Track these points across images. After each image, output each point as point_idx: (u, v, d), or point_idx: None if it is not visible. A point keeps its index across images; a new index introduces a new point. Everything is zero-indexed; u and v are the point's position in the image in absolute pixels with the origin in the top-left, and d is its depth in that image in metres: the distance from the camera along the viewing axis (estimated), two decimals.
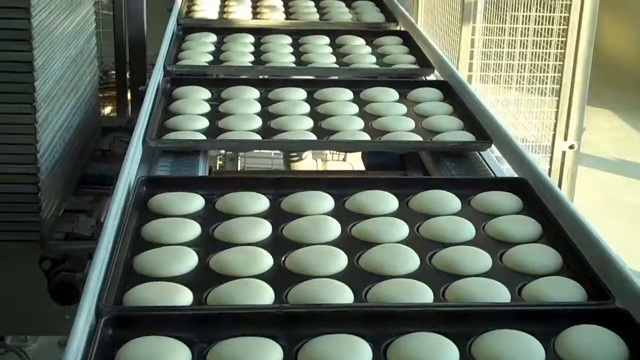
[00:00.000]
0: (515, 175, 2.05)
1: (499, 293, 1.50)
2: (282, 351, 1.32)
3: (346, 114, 2.40)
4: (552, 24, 4.26)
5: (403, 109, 2.47)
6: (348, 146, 2.28)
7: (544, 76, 4.33)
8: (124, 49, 3.75)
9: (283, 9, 3.69)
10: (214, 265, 1.57)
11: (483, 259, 1.61)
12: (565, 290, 1.51)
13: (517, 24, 4.57)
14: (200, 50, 3.02)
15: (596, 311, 1.43)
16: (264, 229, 1.70)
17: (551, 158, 4.15)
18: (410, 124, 2.35)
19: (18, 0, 2.30)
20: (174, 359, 1.30)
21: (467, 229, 1.73)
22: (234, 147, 2.27)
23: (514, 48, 4.54)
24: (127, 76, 3.80)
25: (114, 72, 3.89)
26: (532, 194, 1.87)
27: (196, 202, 1.81)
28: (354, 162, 5.15)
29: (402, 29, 3.44)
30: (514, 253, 1.64)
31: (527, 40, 4.51)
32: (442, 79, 2.78)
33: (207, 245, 1.64)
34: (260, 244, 1.65)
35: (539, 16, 4.38)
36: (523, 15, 4.55)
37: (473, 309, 1.44)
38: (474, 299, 1.48)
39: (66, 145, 2.73)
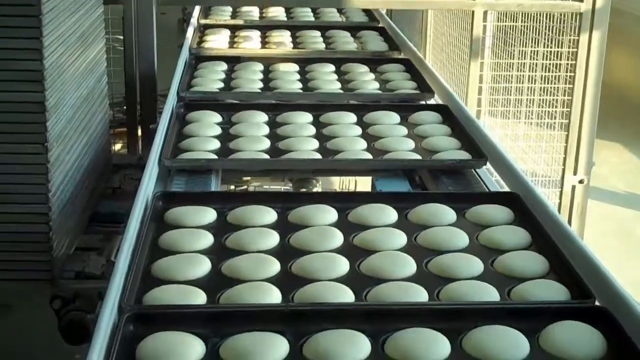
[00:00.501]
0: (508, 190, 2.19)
1: (489, 294, 1.63)
2: (288, 345, 1.45)
3: (350, 136, 2.55)
4: (560, 59, 4.34)
5: (404, 130, 2.62)
6: (352, 164, 2.41)
7: (552, 111, 4.38)
8: (134, 87, 3.80)
9: (291, 45, 3.81)
10: (226, 271, 1.70)
11: (475, 264, 1.74)
12: (551, 291, 1.64)
13: (525, 59, 4.65)
14: (212, 78, 3.19)
15: (578, 309, 1.56)
16: (272, 239, 1.83)
17: (561, 192, 4.20)
18: (411, 144, 2.49)
19: (30, 41, 2.34)
20: (190, 352, 1.42)
21: (461, 238, 1.86)
22: (244, 165, 2.40)
23: (523, 83, 4.62)
24: (138, 113, 3.85)
25: (124, 108, 3.96)
26: (522, 206, 1.99)
27: (209, 214, 1.95)
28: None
29: (405, 57, 3.61)
30: (504, 259, 1.77)
31: (535, 75, 4.58)
32: (441, 103, 2.93)
33: (219, 252, 1.78)
34: (269, 252, 1.78)
35: (547, 52, 4.46)
36: (531, 51, 4.65)
37: (464, 307, 1.57)
38: (465, 300, 1.60)
39: (77, 184, 2.75)
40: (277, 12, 4.49)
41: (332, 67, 3.38)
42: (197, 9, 4.37)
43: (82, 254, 2.67)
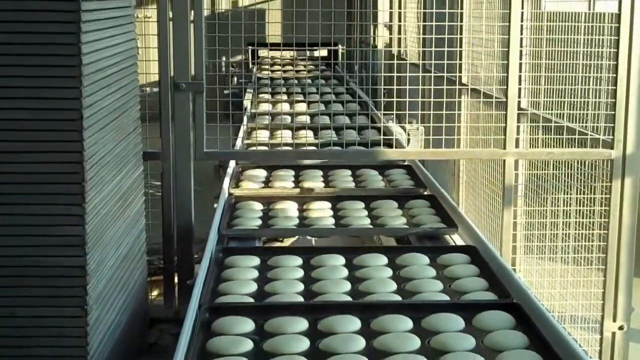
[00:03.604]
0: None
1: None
2: None
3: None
4: (594, 205, 4.37)
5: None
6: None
7: (589, 256, 4.37)
8: (172, 236, 3.88)
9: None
10: None
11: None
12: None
13: (558, 206, 4.67)
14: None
15: (500, 303, 2.49)
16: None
17: (601, 339, 4.13)
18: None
19: (72, 207, 2.43)
20: None
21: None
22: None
23: (557, 230, 4.61)
24: (175, 263, 3.91)
25: (161, 257, 4.00)
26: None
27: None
28: None
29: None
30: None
31: (569, 222, 4.58)
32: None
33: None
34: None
35: (581, 198, 4.47)
36: (564, 198, 4.68)
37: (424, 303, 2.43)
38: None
39: (115, 343, 2.78)
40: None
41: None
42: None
43: None
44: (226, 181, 3.93)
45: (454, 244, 3.22)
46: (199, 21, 3.75)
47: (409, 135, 5.53)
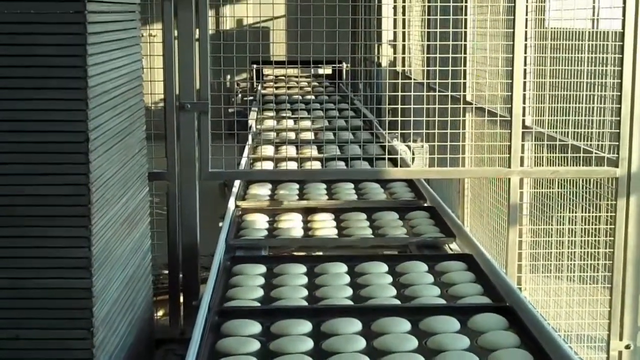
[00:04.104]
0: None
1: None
2: None
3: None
4: (599, 224, 4.36)
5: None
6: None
7: (595, 275, 4.36)
8: (177, 260, 3.88)
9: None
10: None
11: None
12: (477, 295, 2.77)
13: (564, 224, 4.67)
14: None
15: (494, 307, 2.66)
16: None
17: (607, 358, 4.12)
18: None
19: (78, 229, 2.42)
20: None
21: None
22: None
23: (562, 248, 4.61)
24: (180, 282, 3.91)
25: (166, 273, 4.02)
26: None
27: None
28: None
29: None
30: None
31: (574, 241, 4.57)
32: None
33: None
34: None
35: (586, 216, 4.49)
36: (569, 216, 4.67)
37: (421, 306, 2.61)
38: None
39: None
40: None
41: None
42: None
43: None
44: (233, 193, 4.08)
45: (451, 252, 3.39)
46: (204, 41, 3.76)
47: (413, 153, 5.53)
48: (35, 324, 2.45)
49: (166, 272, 3.99)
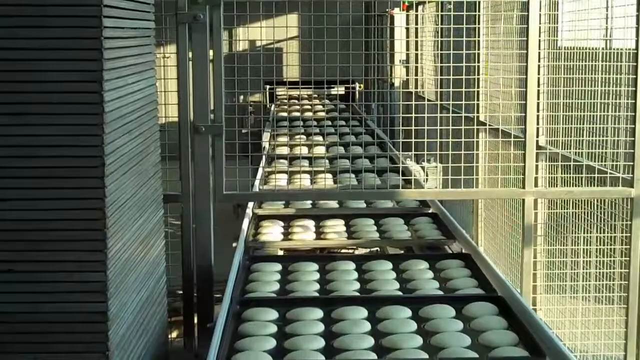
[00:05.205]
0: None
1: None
2: None
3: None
4: (615, 244, 4.34)
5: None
6: None
7: (610, 295, 4.35)
8: (191, 282, 3.87)
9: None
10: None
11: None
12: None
13: (579, 244, 4.64)
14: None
15: (486, 296, 2.96)
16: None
17: None
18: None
19: (94, 254, 2.43)
20: None
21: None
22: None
23: (577, 269, 4.58)
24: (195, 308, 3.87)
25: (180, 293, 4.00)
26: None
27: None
28: None
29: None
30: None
31: (589, 261, 4.55)
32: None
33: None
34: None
35: (601, 236, 4.47)
36: (584, 237, 4.64)
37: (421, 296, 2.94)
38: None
39: None
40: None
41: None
42: None
43: None
44: (244, 229, 4.05)
45: (450, 252, 3.72)
46: (217, 63, 3.77)
47: (427, 174, 5.53)
48: (51, 348, 2.46)
49: (180, 292, 3.99)
